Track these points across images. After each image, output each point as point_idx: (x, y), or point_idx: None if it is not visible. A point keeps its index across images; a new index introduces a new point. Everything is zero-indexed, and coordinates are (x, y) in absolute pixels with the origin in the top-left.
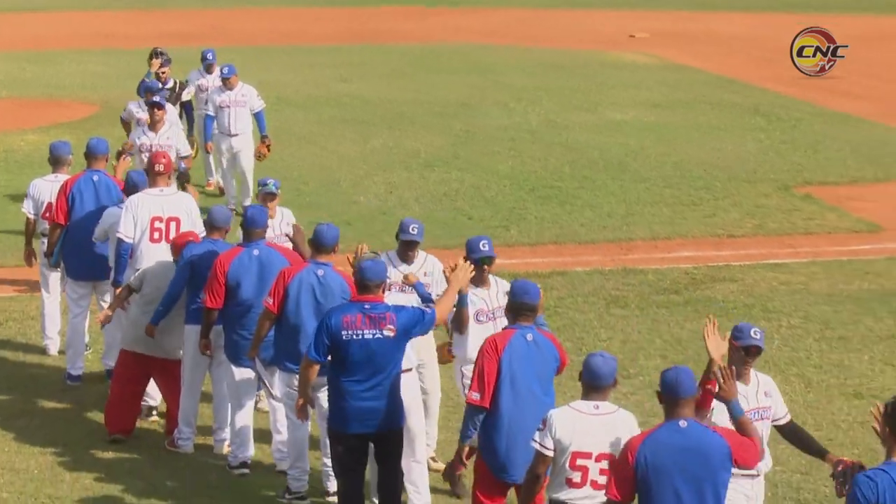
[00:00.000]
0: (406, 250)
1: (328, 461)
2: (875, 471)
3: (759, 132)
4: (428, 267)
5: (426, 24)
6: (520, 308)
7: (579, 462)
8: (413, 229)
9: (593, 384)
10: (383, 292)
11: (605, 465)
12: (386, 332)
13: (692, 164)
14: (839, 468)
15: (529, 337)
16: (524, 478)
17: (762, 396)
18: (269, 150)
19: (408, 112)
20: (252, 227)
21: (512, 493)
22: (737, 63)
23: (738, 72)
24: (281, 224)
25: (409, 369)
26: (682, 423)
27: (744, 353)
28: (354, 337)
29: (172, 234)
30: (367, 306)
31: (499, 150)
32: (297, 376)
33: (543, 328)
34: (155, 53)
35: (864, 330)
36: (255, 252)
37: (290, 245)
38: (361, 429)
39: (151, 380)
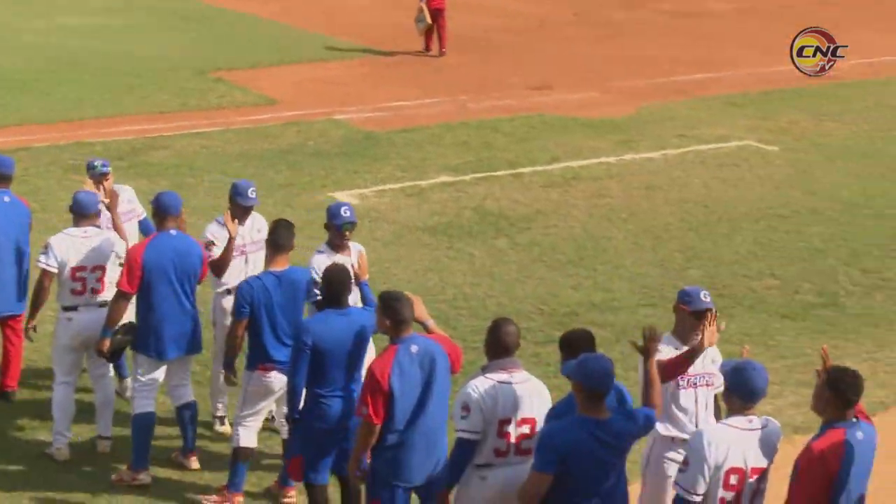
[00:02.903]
0: (341, 238)
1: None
2: (254, 278)
3: (180, 31)
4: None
5: None
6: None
7: None
8: (345, 211)
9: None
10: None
11: None
12: None
13: (129, 58)
14: None
15: (173, 232)
16: None
17: (708, 363)
18: None
19: None
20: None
21: None
22: None
23: None
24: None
25: None
26: (173, 232)
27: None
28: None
29: None
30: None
31: None
32: None
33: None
34: None
35: (267, 180)
36: None
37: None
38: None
39: None
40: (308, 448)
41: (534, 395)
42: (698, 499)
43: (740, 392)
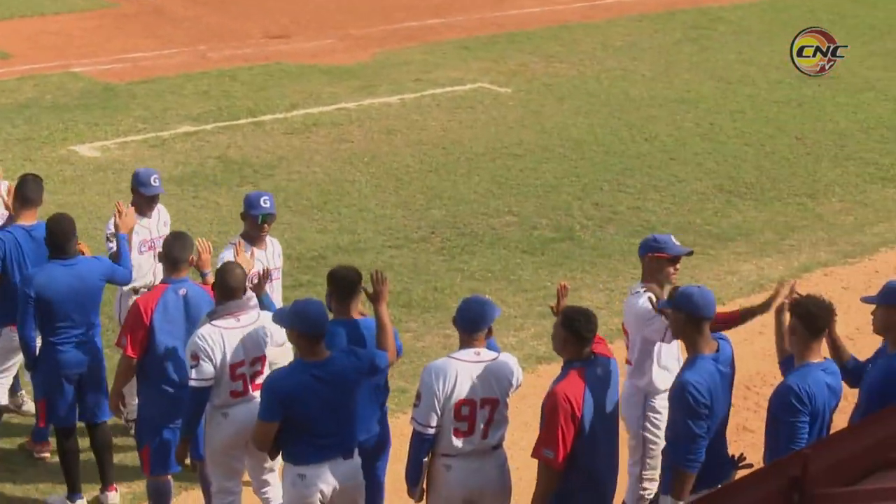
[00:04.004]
0: (259, 230)
1: None
2: (4, 232)
3: None
4: (279, 250)
5: None
6: None
7: None
8: (265, 201)
9: None
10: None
11: None
12: None
13: None
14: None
15: None
16: None
17: None
18: None
19: None
20: None
21: None
22: None
23: None
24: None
25: None
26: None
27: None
28: None
29: None
30: None
31: None
32: None
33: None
34: None
35: (3, 134)
36: None
37: None
38: None
39: None
40: (49, 393)
41: (263, 334)
42: (432, 431)
43: (463, 324)
